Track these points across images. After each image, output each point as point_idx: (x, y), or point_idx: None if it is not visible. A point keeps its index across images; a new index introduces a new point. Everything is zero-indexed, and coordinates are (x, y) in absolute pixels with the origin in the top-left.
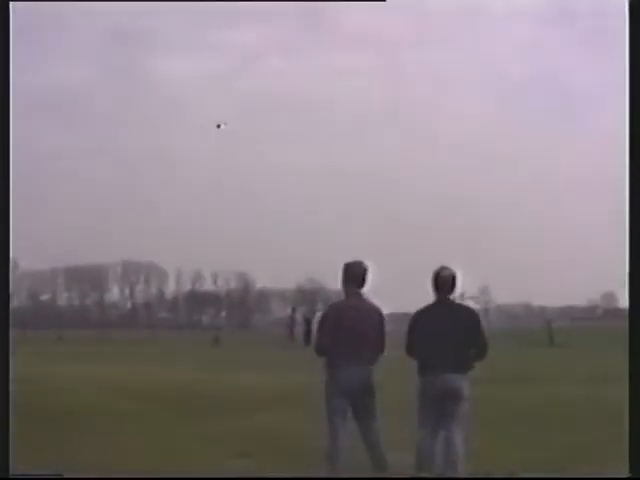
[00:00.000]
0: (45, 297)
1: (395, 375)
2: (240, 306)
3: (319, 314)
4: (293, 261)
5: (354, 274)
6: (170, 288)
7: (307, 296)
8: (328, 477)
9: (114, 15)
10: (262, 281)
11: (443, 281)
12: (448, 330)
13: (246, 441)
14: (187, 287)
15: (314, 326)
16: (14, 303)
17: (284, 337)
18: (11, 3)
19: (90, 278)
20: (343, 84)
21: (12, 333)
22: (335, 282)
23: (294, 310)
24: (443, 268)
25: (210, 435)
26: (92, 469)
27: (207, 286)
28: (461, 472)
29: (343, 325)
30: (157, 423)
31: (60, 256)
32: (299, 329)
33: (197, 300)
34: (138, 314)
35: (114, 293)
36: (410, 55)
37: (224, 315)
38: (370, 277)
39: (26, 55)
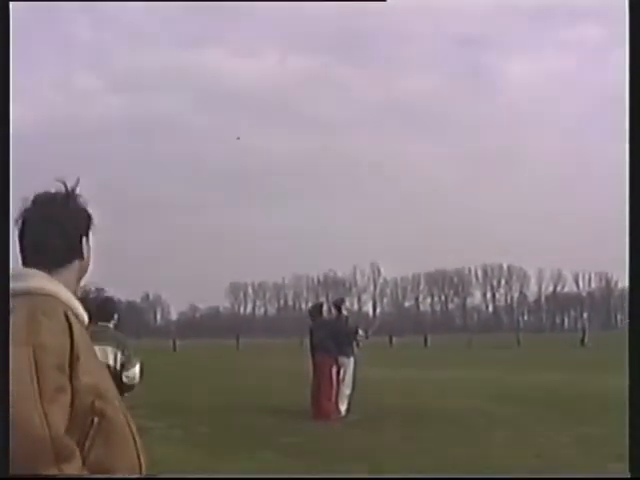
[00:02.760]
0: (408, 303)
1: None
2: (602, 306)
3: None
4: None
5: None
6: (532, 290)
7: None
8: (329, 477)
9: (455, 21)
10: (624, 280)
11: None
12: None
13: (623, 444)
14: (549, 288)
15: None
16: (377, 310)
17: None
18: (11, 3)
19: (451, 283)
20: None
21: (377, 340)
22: None
23: None
24: None
25: (585, 438)
26: (466, 471)
27: (569, 287)
28: None
29: None
30: (529, 426)
31: (421, 261)
32: None
33: (559, 301)
34: (500, 317)
35: (476, 297)
36: None
37: (586, 316)
38: None
39: (367, 70)
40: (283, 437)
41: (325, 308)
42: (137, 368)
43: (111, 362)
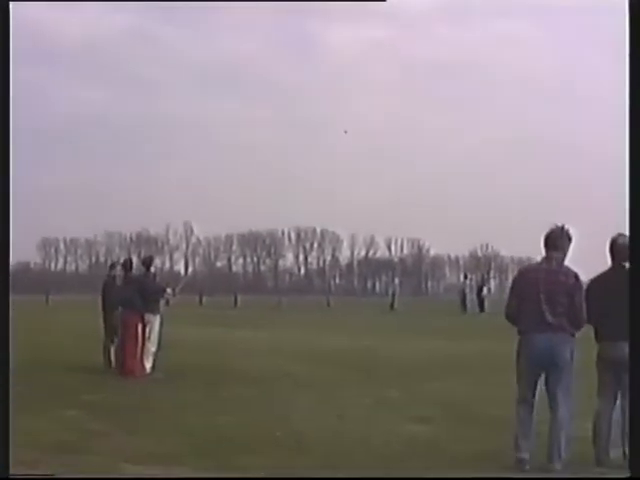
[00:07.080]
0: (220, 263)
1: None
2: (414, 273)
3: (495, 281)
4: (467, 227)
5: (548, 237)
6: (344, 254)
7: (481, 263)
8: (330, 477)
9: None
10: (436, 248)
11: (619, 248)
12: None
13: (423, 407)
14: (361, 253)
15: (487, 293)
16: (189, 269)
17: (457, 304)
18: (11, 3)
19: (264, 244)
20: (506, 51)
21: (187, 298)
22: (508, 249)
23: (466, 277)
24: (620, 235)
25: (386, 400)
26: (267, 431)
27: (381, 252)
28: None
29: (531, 289)
30: (333, 388)
31: (234, 222)
32: (472, 296)
33: (371, 266)
34: (312, 280)
35: (288, 259)
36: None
37: (397, 282)
38: (572, 243)
39: (197, 30)
40: (86, 394)
41: (134, 265)
42: None
43: None
